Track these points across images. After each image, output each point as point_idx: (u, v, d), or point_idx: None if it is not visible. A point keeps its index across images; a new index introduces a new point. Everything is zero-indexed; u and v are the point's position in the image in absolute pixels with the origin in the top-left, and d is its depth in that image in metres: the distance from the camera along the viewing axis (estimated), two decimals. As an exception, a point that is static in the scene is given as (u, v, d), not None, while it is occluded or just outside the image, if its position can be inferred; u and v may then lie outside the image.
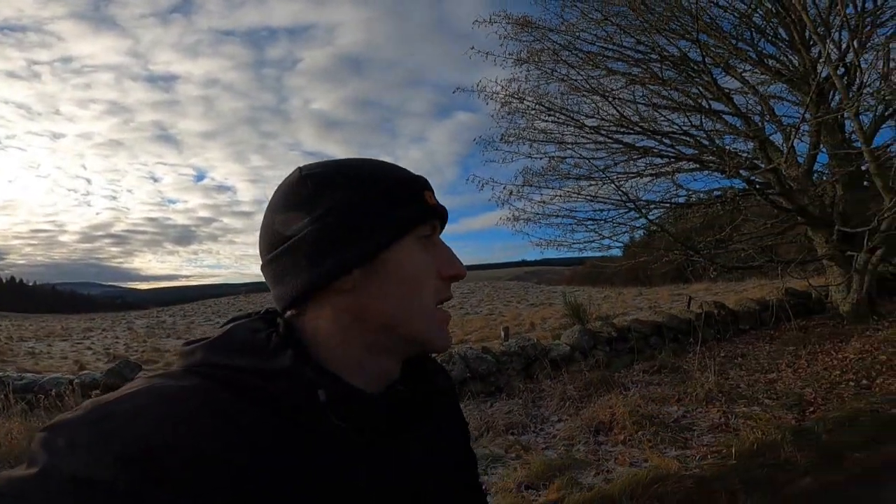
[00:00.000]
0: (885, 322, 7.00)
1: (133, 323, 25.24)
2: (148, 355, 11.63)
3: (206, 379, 0.47)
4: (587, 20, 7.37)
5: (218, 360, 0.49)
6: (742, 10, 7.33)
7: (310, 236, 0.52)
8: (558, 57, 7.29)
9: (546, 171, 8.10)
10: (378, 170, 0.57)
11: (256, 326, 0.53)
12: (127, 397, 0.44)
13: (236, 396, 0.46)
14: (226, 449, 0.43)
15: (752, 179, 7.56)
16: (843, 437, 3.44)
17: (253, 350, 0.49)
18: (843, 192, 7.64)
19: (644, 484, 2.76)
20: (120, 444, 0.39)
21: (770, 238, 8.86)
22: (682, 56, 7.03)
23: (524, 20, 7.52)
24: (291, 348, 0.50)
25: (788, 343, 6.54)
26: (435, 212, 0.58)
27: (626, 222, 7.97)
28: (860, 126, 6.48)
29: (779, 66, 7.69)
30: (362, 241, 0.52)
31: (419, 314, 0.55)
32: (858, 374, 5.01)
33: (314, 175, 0.55)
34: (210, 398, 0.45)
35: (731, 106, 7.24)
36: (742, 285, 13.39)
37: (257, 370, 0.48)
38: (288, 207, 0.54)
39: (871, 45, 6.47)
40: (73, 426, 0.41)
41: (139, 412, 0.42)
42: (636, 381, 5.41)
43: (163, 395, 0.44)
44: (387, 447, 0.52)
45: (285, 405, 0.47)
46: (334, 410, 0.48)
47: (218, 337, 0.52)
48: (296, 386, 0.47)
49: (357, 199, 0.53)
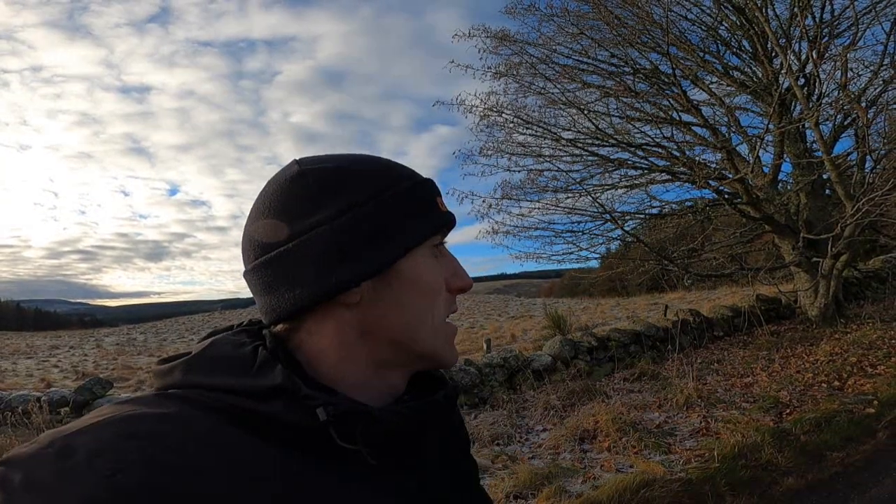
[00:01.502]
0: (852, 325, 7.26)
1: (102, 340, 24.31)
2: (119, 373, 11.20)
3: (186, 403, 0.42)
4: (563, 34, 7.60)
5: (199, 379, 0.44)
6: (709, 23, 7.66)
7: (314, 242, 0.46)
8: (536, 70, 7.48)
9: (524, 183, 8.22)
10: (390, 170, 0.52)
11: (240, 340, 0.47)
12: (91, 429, 0.38)
13: (223, 422, 0.41)
14: (212, 487, 0.37)
15: (720, 190, 7.81)
16: (821, 438, 3.52)
17: (238, 367, 0.44)
18: (807, 201, 7.95)
19: (632, 489, 2.76)
20: (86, 484, 0.33)
21: (740, 246, 9.15)
22: (653, 68, 7.28)
23: (503, 34, 7.70)
24: (281, 363, 0.44)
25: (762, 348, 6.70)
26: (447, 219, 0.53)
27: (603, 234, 8.14)
28: (821, 135, 6.77)
29: (743, 78, 8.02)
30: (376, 250, 0.47)
31: (431, 329, 0.51)
32: (830, 375, 5.15)
33: (317, 171, 0.48)
34: (191, 427, 0.39)
35: (699, 117, 7.50)
36: (715, 293, 13.73)
37: (245, 389, 0.42)
38: (285, 207, 0.47)
39: (829, 56, 6.80)
40: (29, 462, 0.36)
41: (106, 448, 0.36)
42: (618, 388, 5.46)
43: (133, 425, 0.38)
44: (395, 466, 0.47)
45: (280, 427, 0.42)
46: (336, 430, 0.42)
47: (197, 353, 0.47)
48: (291, 405, 0.42)
49: (370, 203, 0.48)
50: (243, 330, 0.51)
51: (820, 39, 6.51)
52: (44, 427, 4.29)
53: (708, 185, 7.46)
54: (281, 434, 0.42)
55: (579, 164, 8.17)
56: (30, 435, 4.24)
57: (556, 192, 8.12)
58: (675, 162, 7.70)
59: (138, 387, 8.92)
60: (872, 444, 3.37)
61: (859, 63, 7.11)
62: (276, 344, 0.48)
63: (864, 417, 3.83)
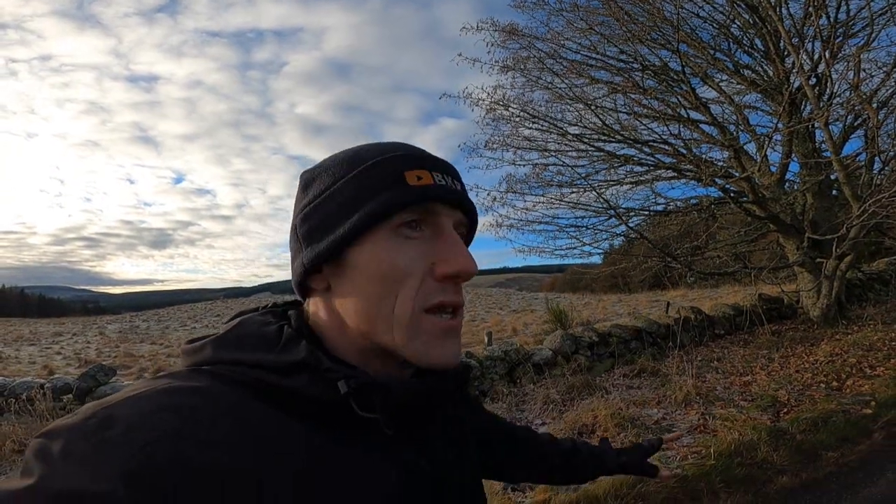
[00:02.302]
0: (853, 326, 7.26)
1: (105, 328, 24.51)
2: (121, 360, 11.31)
3: (217, 378, 0.44)
4: (572, 29, 7.54)
5: (228, 355, 0.46)
6: (721, 20, 7.59)
7: (294, 233, 0.51)
8: (543, 65, 7.45)
9: (529, 178, 8.21)
10: (359, 153, 0.51)
11: (266, 320, 0.50)
12: (130, 401, 0.39)
13: (250, 396, 0.43)
14: (243, 458, 0.39)
15: (726, 188, 7.78)
16: (817, 437, 3.55)
17: (264, 344, 0.46)
18: (814, 201, 7.92)
19: (628, 484, 2.81)
20: (122, 456, 0.35)
21: (743, 245, 9.12)
22: (662, 65, 7.24)
23: (511, 28, 7.65)
24: (305, 340, 0.47)
25: (762, 347, 6.71)
26: (423, 194, 0.48)
27: (607, 229, 8.13)
28: (830, 135, 6.73)
29: (754, 77, 7.96)
30: (325, 235, 0.48)
31: (388, 322, 0.47)
32: (829, 376, 5.17)
33: (308, 171, 0.53)
34: (220, 401, 0.41)
35: (707, 115, 7.46)
36: (717, 291, 13.74)
37: (271, 365, 0.45)
38: (295, 207, 0.53)
39: (842, 56, 6.73)
40: (70, 433, 0.37)
41: (144, 418, 0.38)
42: (617, 384, 5.49)
43: (170, 398, 0.40)
44: (407, 440, 0.50)
45: (303, 401, 0.44)
46: (356, 402, 0.44)
47: (226, 332, 0.49)
48: (314, 379, 0.44)
49: (327, 190, 0.49)
50: (269, 311, 0.54)
51: (834, 39, 6.45)
52: (47, 415, 4.32)
53: (714, 183, 7.43)
54: (304, 408, 0.44)
55: (585, 160, 8.16)
56: (33, 422, 4.29)
57: (560, 187, 8.12)
58: (681, 159, 7.67)
59: (140, 374, 9.01)
60: (868, 445, 3.40)
61: (872, 64, 7.03)
62: (300, 323, 0.51)
63: (861, 418, 3.86)
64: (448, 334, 0.49)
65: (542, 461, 0.83)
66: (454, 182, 0.51)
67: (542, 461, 0.83)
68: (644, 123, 7.96)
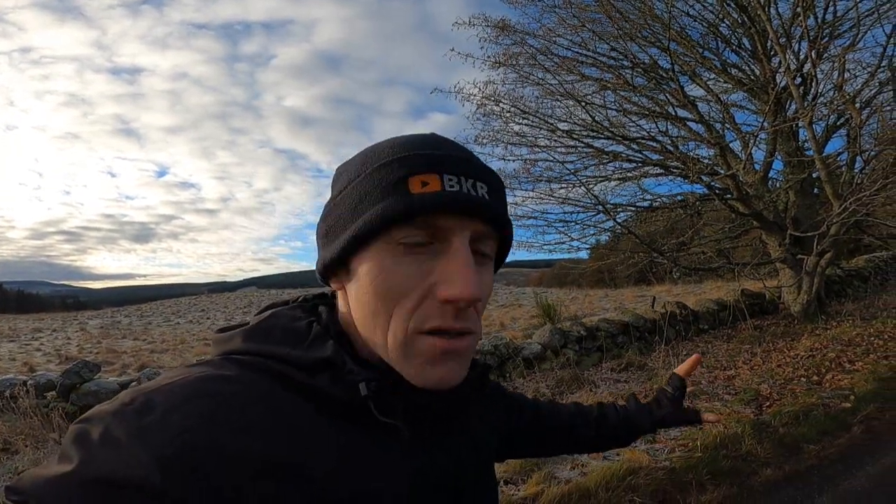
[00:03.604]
0: (832, 322, 7.45)
1: (86, 323, 24.06)
2: (103, 356, 11.10)
3: (247, 367, 0.44)
4: (564, 25, 7.58)
5: (258, 347, 0.47)
6: (710, 19, 7.70)
7: (318, 229, 0.52)
8: (535, 61, 7.48)
9: (519, 173, 8.26)
10: (377, 150, 0.48)
11: (296, 314, 0.51)
12: (167, 387, 0.40)
13: (281, 388, 0.44)
14: (277, 446, 0.40)
15: (712, 185, 7.91)
16: (799, 430, 3.64)
17: (293, 338, 0.47)
18: (796, 198, 8.09)
19: (618, 476, 2.86)
20: (159, 442, 0.36)
21: (727, 241, 9.29)
22: (652, 63, 7.31)
23: (503, 24, 7.66)
24: (332, 338, 0.47)
25: (745, 341, 6.85)
26: (422, 205, 0.43)
27: (595, 225, 8.21)
28: (813, 135, 6.88)
29: (741, 76, 8.09)
30: (334, 240, 0.48)
31: (383, 338, 0.45)
32: (809, 370, 5.29)
33: (341, 166, 0.52)
34: (255, 389, 0.42)
35: (695, 113, 7.56)
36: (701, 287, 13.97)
37: (297, 360, 0.45)
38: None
39: (827, 56, 6.87)
40: (110, 418, 0.37)
41: (180, 405, 0.38)
42: (605, 378, 5.57)
43: (205, 384, 0.41)
44: (428, 440, 0.50)
45: (327, 399, 0.44)
46: (375, 405, 0.44)
47: (257, 324, 0.50)
48: (336, 378, 0.44)
49: (343, 190, 0.48)
50: (298, 306, 0.54)
51: (820, 40, 6.57)
52: (31, 412, 4.23)
53: (700, 180, 7.54)
54: (329, 405, 0.44)
55: (574, 156, 8.22)
56: (17, 420, 4.20)
57: (549, 182, 8.19)
58: (668, 156, 7.77)
59: (123, 371, 8.87)
60: (847, 438, 3.50)
61: (857, 64, 7.20)
62: (329, 319, 0.50)
63: (840, 412, 3.97)
64: (448, 356, 0.44)
65: (569, 433, 0.83)
66: (475, 186, 0.45)
67: (568, 434, 0.83)
68: (633, 120, 8.06)
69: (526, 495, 2.79)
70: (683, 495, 2.73)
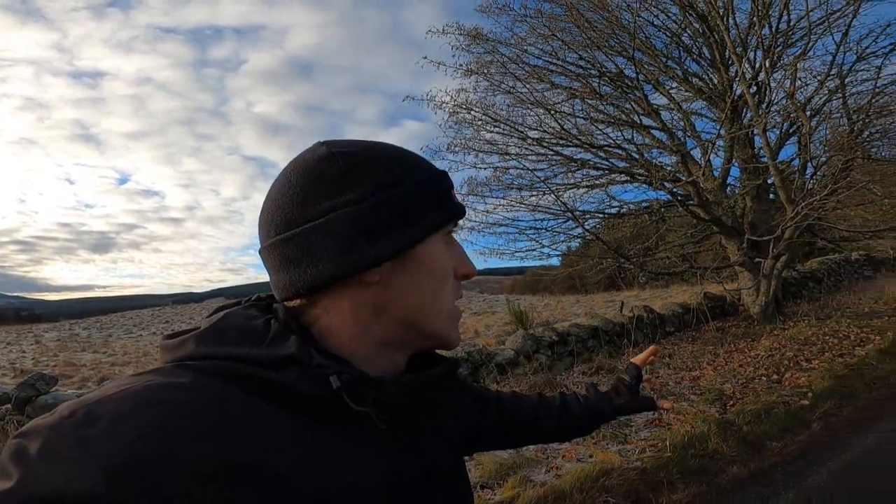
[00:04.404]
0: (789, 322, 7.77)
1: (42, 336, 22.91)
2: (61, 370, 10.59)
3: (201, 373, 0.43)
4: (535, 35, 7.74)
5: (212, 350, 0.45)
6: (673, 29, 8.01)
7: (341, 220, 0.47)
8: (506, 69, 7.60)
9: (490, 181, 8.34)
10: (413, 159, 0.54)
11: (251, 313, 0.49)
12: (111, 397, 0.38)
13: (239, 391, 0.42)
14: (233, 450, 0.39)
15: (674, 191, 8.16)
16: (761, 428, 3.77)
17: (251, 338, 0.45)
18: (752, 204, 8.43)
19: (592, 477, 2.91)
20: (104, 454, 0.34)
21: (690, 246, 9.61)
22: (618, 72, 7.54)
23: (476, 32, 7.76)
24: (294, 334, 0.46)
25: (708, 343, 7.06)
26: (460, 209, 0.56)
27: (565, 231, 8.36)
28: (767, 142, 7.20)
29: (701, 84, 8.42)
30: (399, 233, 0.49)
31: (440, 311, 0.53)
32: (769, 369, 5.50)
33: (346, 154, 0.50)
34: (207, 395, 0.41)
35: (658, 121, 7.82)
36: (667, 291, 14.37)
37: (259, 359, 0.44)
38: (314, 185, 0.49)
39: (780, 65, 7.21)
40: (48, 432, 0.36)
41: (128, 414, 0.36)
42: (577, 382, 5.65)
43: (153, 393, 0.39)
44: (400, 434, 0.51)
45: (293, 397, 0.44)
46: (350, 396, 0.44)
47: (209, 326, 0.47)
48: (304, 374, 0.44)
49: (396, 188, 0.50)
50: (252, 305, 0.52)
51: (774, 49, 6.91)
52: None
53: (663, 186, 7.79)
54: (294, 403, 0.44)
55: (544, 163, 8.36)
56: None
57: (520, 190, 8.29)
58: (633, 164, 8.00)
59: (82, 384, 8.49)
60: (807, 435, 3.65)
61: (808, 73, 7.58)
62: (288, 317, 0.49)
63: (800, 409, 4.14)
64: (458, 320, 0.58)
65: (533, 425, 0.86)
66: None
67: (532, 426, 0.86)
68: (600, 128, 8.27)
69: (502, 499, 2.81)
70: (655, 495, 2.80)
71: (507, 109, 7.98)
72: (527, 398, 0.88)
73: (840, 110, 7.45)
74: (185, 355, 0.45)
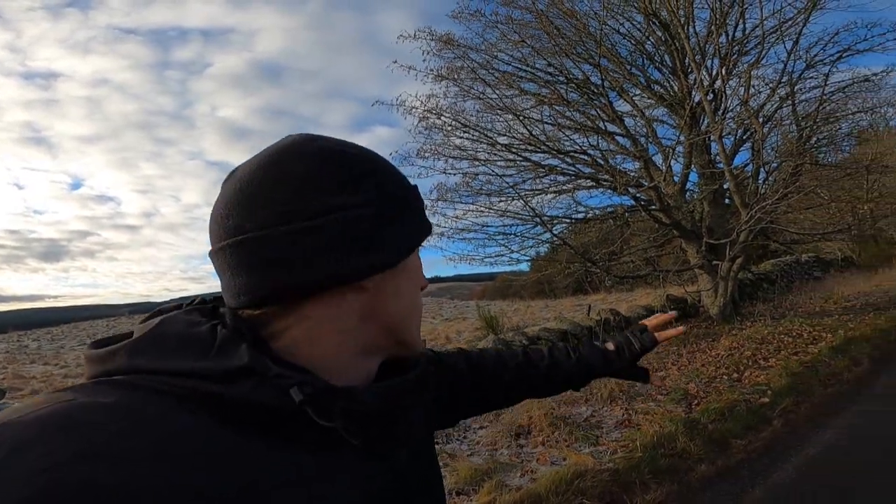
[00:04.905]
0: (746, 322, 8.09)
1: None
2: (10, 382, 9.98)
3: (134, 389, 0.37)
4: (506, 41, 7.87)
5: (148, 364, 0.39)
6: (638, 37, 8.30)
7: (349, 222, 0.44)
8: (476, 75, 7.68)
9: (460, 186, 8.36)
10: (391, 167, 0.53)
11: (193, 318, 0.43)
12: (18, 422, 0.33)
13: (178, 409, 0.37)
14: (170, 474, 0.34)
15: (637, 197, 8.40)
16: (725, 426, 3.88)
17: (195, 348, 0.40)
18: (710, 208, 8.76)
19: (566, 480, 2.92)
20: (12, 486, 0.29)
21: (653, 250, 9.89)
22: (584, 79, 7.73)
23: (447, 38, 7.80)
24: (246, 342, 0.41)
25: (672, 343, 7.27)
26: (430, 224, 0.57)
27: (534, 237, 8.47)
28: (723, 148, 7.52)
29: (662, 91, 8.73)
30: (400, 241, 0.48)
31: (417, 318, 0.55)
32: (730, 368, 5.70)
33: (343, 153, 0.47)
34: (139, 415, 0.35)
35: (622, 127, 8.05)
36: (632, 294, 14.72)
37: (205, 372, 0.38)
38: (313, 181, 0.44)
39: (736, 73, 7.55)
40: None
41: (39, 440, 0.31)
42: (548, 385, 5.72)
43: (70, 416, 0.33)
44: (371, 446, 0.46)
45: (246, 411, 0.39)
46: (315, 411, 0.40)
47: (144, 334, 0.41)
48: (260, 386, 0.39)
49: (400, 192, 0.50)
50: (195, 309, 0.46)
51: (730, 56, 7.23)
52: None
53: (627, 191, 8.00)
54: (247, 418, 0.39)
55: (513, 169, 8.46)
56: None
57: (489, 196, 8.35)
58: (599, 169, 8.19)
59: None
60: (770, 432, 3.78)
61: (761, 80, 7.96)
62: (238, 322, 0.43)
63: (760, 407, 4.29)
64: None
65: (518, 384, 0.85)
66: None
67: (517, 385, 0.85)
68: (567, 135, 8.44)
69: (479, 506, 2.80)
70: (629, 495, 2.84)
71: (476, 115, 8.07)
72: (510, 358, 0.86)
73: (790, 117, 7.84)
74: (115, 368, 0.40)
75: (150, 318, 0.45)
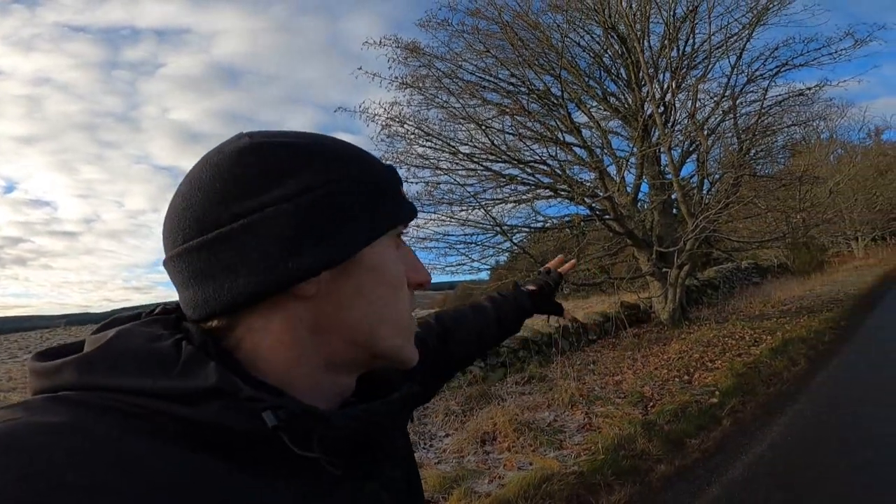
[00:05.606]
0: (694, 326, 8.50)
1: None
2: (-74, 407, 9.09)
3: (84, 408, 0.33)
4: (471, 51, 8.03)
5: (101, 381, 0.35)
6: (597, 50, 8.67)
7: (266, 223, 0.39)
8: (441, 84, 7.80)
9: (422, 195, 8.41)
10: (355, 151, 0.47)
11: (154, 332, 0.39)
12: None
13: (134, 432, 0.33)
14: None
15: (593, 206, 8.71)
16: (680, 427, 4.06)
17: (156, 365, 0.36)
18: (659, 218, 9.20)
19: (534, 485, 2.98)
20: None
21: (607, 258, 10.25)
22: (545, 90, 7.98)
23: (413, 46, 7.86)
24: (213, 359, 0.37)
25: (627, 348, 7.51)
26: (411, 209, 0.49)
27: (494, 246, 8.61)
28: (672, 159, 7.92)
29: (617, 104, 9.12)
30: (341, 234, 0.41)
31: (395, 325, 0.46)
32: (680, 371, 5.96)
33: (273, 145, 0.42)
34: (90, 438, 0.31)
35: (579, 138, 8.35)
36: (588, 301, 15.16)
37: (167, 393, 0.35)
38: (232, 181, 0.40)
39: (684, 86, 7.99)
40: None
41: None
42: (511, 392, 5.79)
43: (18, 437, 0.30)
44: (351, 473, 0.42)
45: (213, 436, 0.35)
46: (289, 436, 0.36)
47: (97, 348, 0.37)
48: (229, 409, 0.35)
49: (334, 183, 0.42)
50: (156, 320, 0.42)
51: (680, 70, 7.65)
52: None
53: (584, 201, 8.27)
54: (214, 442, 0.35)
55: (474, 179, 8.59)
56: None
57: (451, 205, 8.44)
58: (557, 180, 8.44)
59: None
60: (720, 431, 3.99)
61: (706, 94, 8.46)
62: (205, 337, 0.39)
63: (710, 407, 4.51)
64: (414, 334, 0.50)
65: (479, 340, 0.92)
66: None
67: (478, 340, 0.92)
68: (527, 145, 8.66)
69: (450, 514, 2.81)
70: (595, 497, 2.93)
71: (439, 124, 8.17)
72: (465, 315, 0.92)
73: (731, 130, 8.35)
74: (62, 384, 0.36)
75: (103, 328, 0.41)
